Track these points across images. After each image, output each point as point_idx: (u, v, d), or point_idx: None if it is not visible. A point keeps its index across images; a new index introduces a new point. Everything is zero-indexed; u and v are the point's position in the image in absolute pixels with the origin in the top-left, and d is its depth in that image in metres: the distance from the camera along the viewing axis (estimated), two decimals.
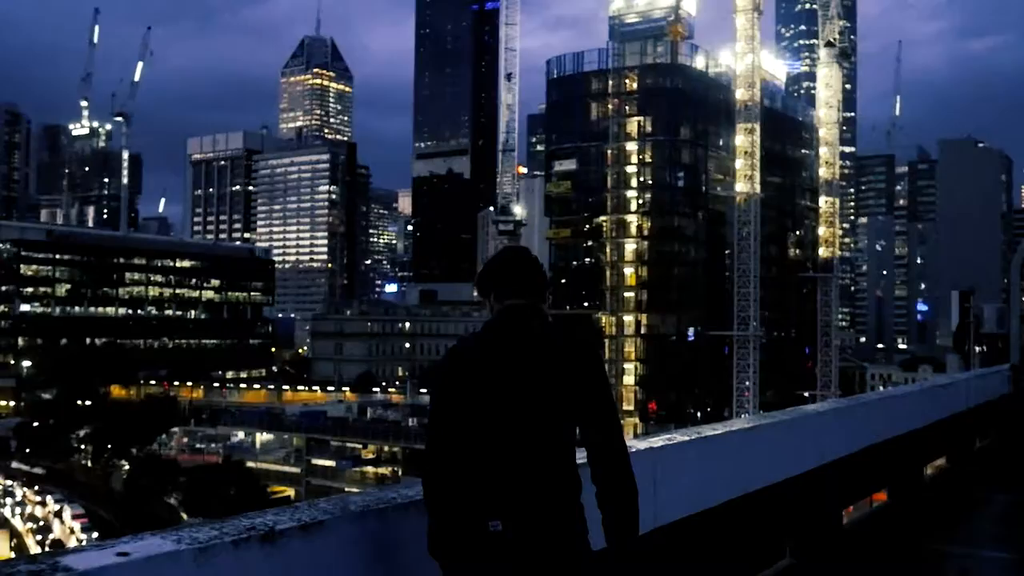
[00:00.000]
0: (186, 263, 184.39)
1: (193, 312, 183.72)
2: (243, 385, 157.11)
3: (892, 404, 9.04)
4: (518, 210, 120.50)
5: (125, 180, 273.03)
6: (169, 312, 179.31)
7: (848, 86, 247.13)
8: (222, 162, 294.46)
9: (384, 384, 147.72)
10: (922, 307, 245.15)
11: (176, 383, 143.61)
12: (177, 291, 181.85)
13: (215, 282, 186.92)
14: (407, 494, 3.61)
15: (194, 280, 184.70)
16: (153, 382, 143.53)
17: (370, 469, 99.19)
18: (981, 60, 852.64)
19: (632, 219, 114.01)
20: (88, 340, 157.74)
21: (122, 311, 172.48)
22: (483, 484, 3.11)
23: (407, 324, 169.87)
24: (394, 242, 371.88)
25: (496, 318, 3.36)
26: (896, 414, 8.86)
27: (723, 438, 5.27)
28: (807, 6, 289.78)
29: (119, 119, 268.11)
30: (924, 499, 9.33)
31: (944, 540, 8.06)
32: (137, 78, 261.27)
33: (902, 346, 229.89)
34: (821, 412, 7.07)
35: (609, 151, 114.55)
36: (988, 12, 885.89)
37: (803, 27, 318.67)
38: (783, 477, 5.92)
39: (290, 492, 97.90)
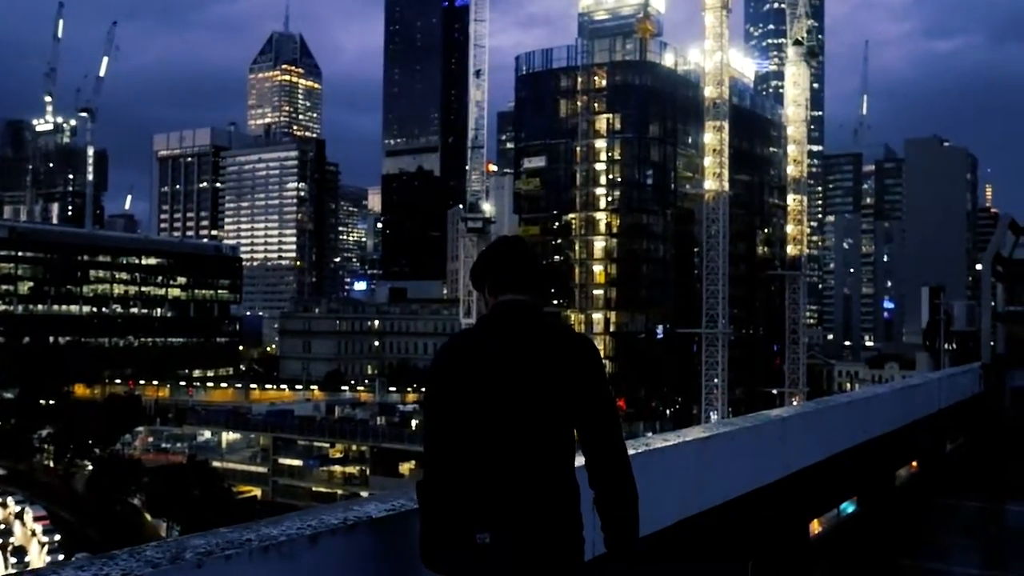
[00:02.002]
0: (152, 261, 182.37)
1: (159, 310, 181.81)
2: (210, 384, 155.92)
3: (863, 407, 8.52)
4: (487, 207, 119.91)
5: (90, 176, 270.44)
6: (134, 310, 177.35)
7: (816, 85, 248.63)
8: (189, 159, 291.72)
9: (353, 382, 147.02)
10: (888, 305, 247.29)
11: (141, 382, 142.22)
12: (143, 289, 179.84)
13: (181, 280, 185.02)
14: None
15: (160, 278, 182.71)
16: (118, 381, 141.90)
17: (338, 468, 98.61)
18: (947, 60, 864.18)
19: (601, 216, 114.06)
20: (51, 339, 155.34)
21: (87, 309, 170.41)
22: (472, 491, 2.91)
23: (376, 322, 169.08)
24: (363, 239, 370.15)
25: (490, 314, 3.17)
26: (867, 417, 8.42)
27: (675, 450, 4.78)
28: (775, 5, 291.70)
29: (84, 115, 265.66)
30: (895, 508, 8.91)
31: (915, 554, 7.75)
32: (102, 73, 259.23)
33: (869, 343, 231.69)
34: (786, 418, 6.60)
35: (578, 148, 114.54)
36: (954, 13, 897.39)
37: (771, 26, 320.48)
38: (745, 491, 5.47)
39: (257, 492, 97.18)
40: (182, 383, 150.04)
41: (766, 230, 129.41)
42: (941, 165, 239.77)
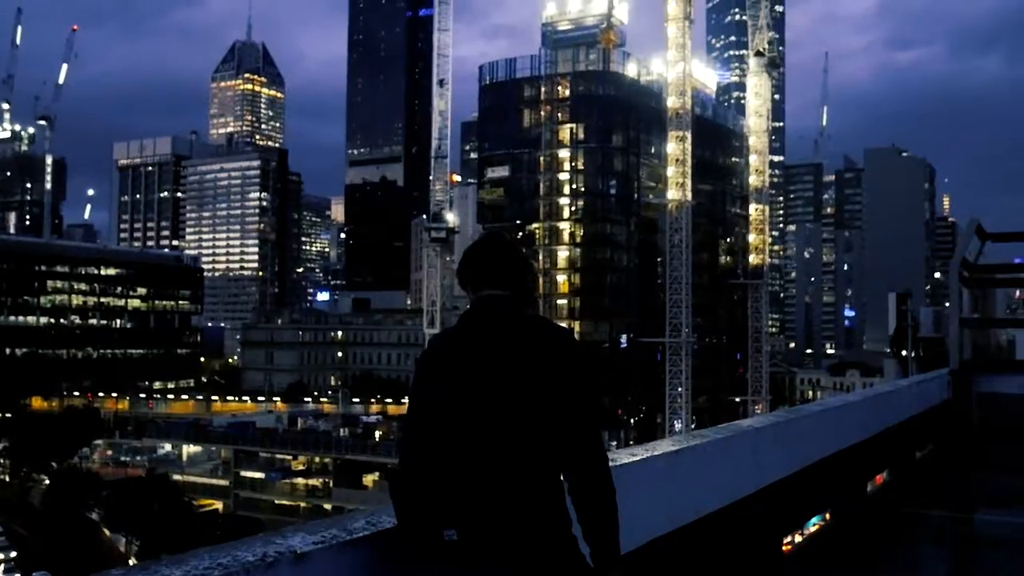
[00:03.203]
0: (111, 271, 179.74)
1: (118, 321, 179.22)
2: (170, 396, 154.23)
3: (835, 416, 8.28)
4: (451, 217, 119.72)
5: (48, 185, 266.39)
6: (93, 321, 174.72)
7: (777, 96, 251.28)
8: (150, 168, 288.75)
9: (316, 394, 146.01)
10: (849, 313, 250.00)
11: (100, 394, 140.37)
12: (102, 300, 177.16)
13: (141, 290, 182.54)
14: None
15: (119, 288, 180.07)
16: (76, 394, 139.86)
17: (300, 481, 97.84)
18: (907, 72, 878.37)
19: (565, 226, 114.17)
20: (7, 350, 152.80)
21: (44, 320, 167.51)
22: (444, 489, 2.87)
23: (339, 333, 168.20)
24: (326, 250, 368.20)
25: (469, 310, 3.11)
26: (839, 427, 8.19)
27: (644, 466, 4.47)
28: (737, 17, 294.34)
29: (42, 123, 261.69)
30: (867, 520, 8.70)
31: (888, 567, 7.56)
32: (61, 81, 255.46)
33: (830, 351, 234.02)
34: (759, 429, 6.30)
35: (542, 158, 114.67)
36: (914, 25, 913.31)
37: (733, 38, 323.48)
38: (716, 507, 5.19)
39: (218, 505, 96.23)
40: (142, 395, 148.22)
41: (728, 239, 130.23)
42: (900, 175, 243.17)
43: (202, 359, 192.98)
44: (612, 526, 2.95)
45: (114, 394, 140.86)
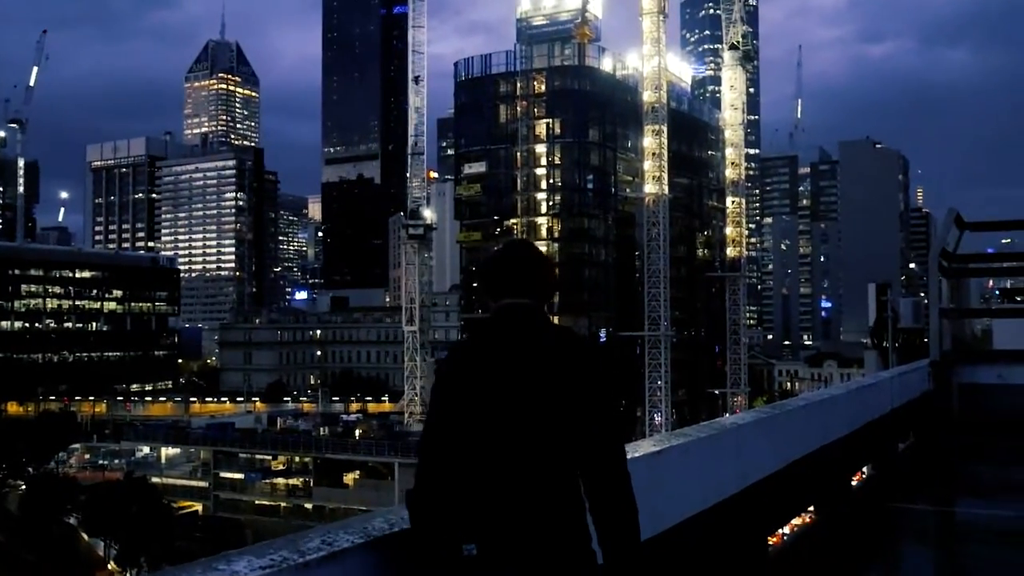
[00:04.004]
0: (86, 274, 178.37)
1: (94, 324, 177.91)
2: (148, 398, 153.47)
3: (819, 410, 8.12)
4: (428, 214, 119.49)
5: (21, 189, 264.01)
6: (69, 325, 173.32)
7: (752, 90, 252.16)
8: (124, 169, 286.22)
9: (295, 393, 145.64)
10: (826, 304, 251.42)
11: (77, 398, 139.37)
12: (77, 303, 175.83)
13: (117, 293, 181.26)
14: None
15: (95, 291, 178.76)
16: (52, 398, 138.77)
17: (281, 481, 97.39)
18: (880, 64, 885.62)
19: (542, 221, 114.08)
20: None
21: (18, 325, 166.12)
22: (464, 502, 2.83)
23: (318, 332, 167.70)
24: (304, 249, 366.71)
25: (490, 319, 3.06)
26: (824, 421, 8.05)
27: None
28: (711, 11, 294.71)
29: (13, 126, 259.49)
30: (853, 515, 8.58)
31: (875, 565, 7.48)
32: (32, 83, 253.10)
33: (808, 342, 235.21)
34: (741, 425, 6.15)
35: (518, 153, 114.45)
36: (886, 18, 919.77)
37: (707, 32, 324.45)
38: (700, 508, 5.05)
39: (198, 507, 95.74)
40: (119, 398, 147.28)
41: (706, 233, 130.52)
42: (874, 167, 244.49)
43: (180, 361, 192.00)
44: (631, 536, 2.90)
45: (91, 398, 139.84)
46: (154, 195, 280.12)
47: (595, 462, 2.88)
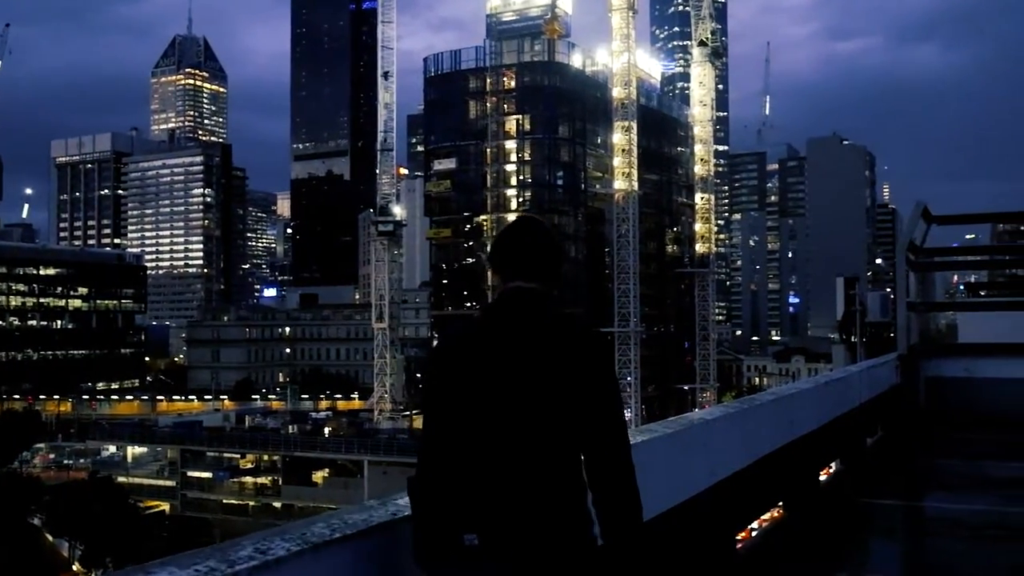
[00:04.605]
0: (51, 271, 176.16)
1: (59, 322, 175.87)
2: (114, 397, 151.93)
3: (789, 405, 7.96)
4: (397, 210, 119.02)
5: None
6: (33, 323, 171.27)
7: (720, 86, 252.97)
8: (89, 165, 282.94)
9: (264, 391, 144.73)
10: (794, 300, 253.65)
11: (42, 397, 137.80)
12: (41, 300, 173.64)
13: (82, 290, 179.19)
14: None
15: (60, 289, 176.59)
16: (16, 396, 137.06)
17: (249, 479, 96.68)
18: (848, 61, 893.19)
19: (512, 218, 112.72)
20: None
21: None
22: (465, 491, 2.78)
23: (287, 329, 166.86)
24: (273, 245, 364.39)
25: (495, 302, 2.99)
26: (793, 416, 7.92)
27: None
28: (680, 8, 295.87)
29: None
30: (822, 512, 8.46)
31: (844, 561, 7.37)
32: None
33: (776, 337, 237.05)
34: (710, 420, 5.99)
35: (488, 150, 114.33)
36: (854, 16, 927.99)
37: (676, 28, 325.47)
38: (667, 507, 4.86)
39: (165, 506, 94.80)
40: (85, 397, 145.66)
41: (675, 229, 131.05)
42: (841, 163, 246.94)
43: (147, 359, 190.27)
44: (638, 520, 2.86)
45: (56, 396, 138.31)
46: (120, 191, 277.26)
47: (600, 446, 2.82)
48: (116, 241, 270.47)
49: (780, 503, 8.05)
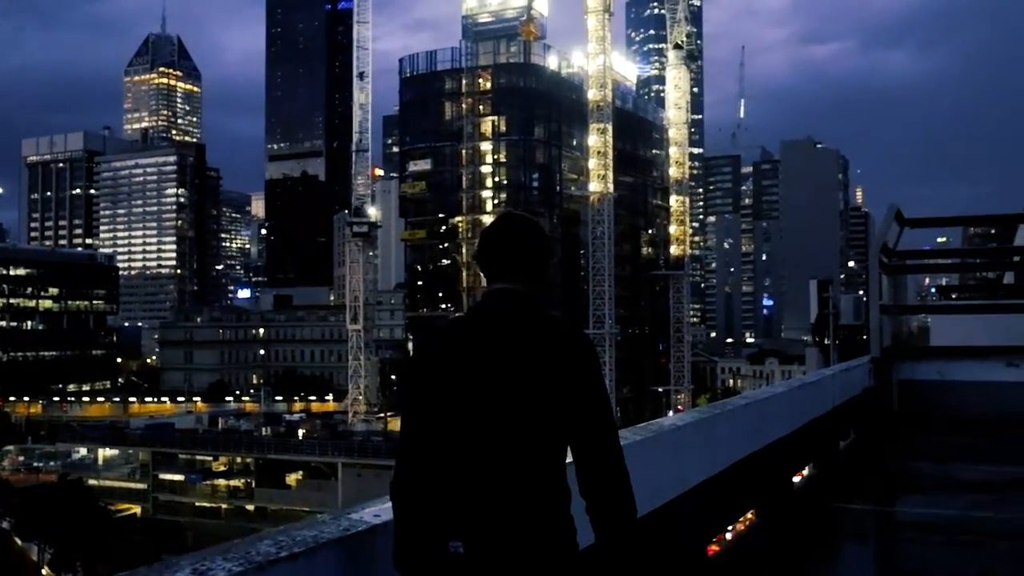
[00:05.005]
0: (20, 271, 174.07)
1: (29, 323, 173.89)
2: (85, 399, 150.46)
3: (761, 409, 7.86)
4: (372, 211, 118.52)
5: None
6: (3, 323, 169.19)
7: (695, 89, 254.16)
8: (61, 164, 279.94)
9: (238, 392, 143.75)
10: (767, 302, 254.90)
11: (12, 399, 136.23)
12: (11, 301, 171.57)
13: (53, 290, 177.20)
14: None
15: (30, 289, 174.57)
16: None
17: (222, 482, 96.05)
18: (822, 65, 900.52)
19: (488, 219, 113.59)
20: None
21: None
22: (448, 496, 2.70)
23: (261, 330, 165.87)
24: (247, 246, 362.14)
25: (478, 304, 2.88)
26: (765, 421, 7.84)
27: None
28: (656, 11, 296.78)
29: None
30: (795, 517, 8.38)
31: (817, 567, 7.32)
32: None
33: (750, 339, 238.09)
34: (680, 426, 5.86)
35: (464, 151, 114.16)
36: (829, 20, 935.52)
37: (652, 31, 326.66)
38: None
39: (136, 509, 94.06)
40: (55, 399, 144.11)
41: (650, 231, 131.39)
42: (815, 166, 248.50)
43: (119, 360, 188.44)
44: (633, 515, 2.81)
45: (26, 398, 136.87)
46: (92, 191, 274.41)
47: (593, 449, 2.76)
48: (88, 241, 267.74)
49: (753, 509, 7.98)
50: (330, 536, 2.82)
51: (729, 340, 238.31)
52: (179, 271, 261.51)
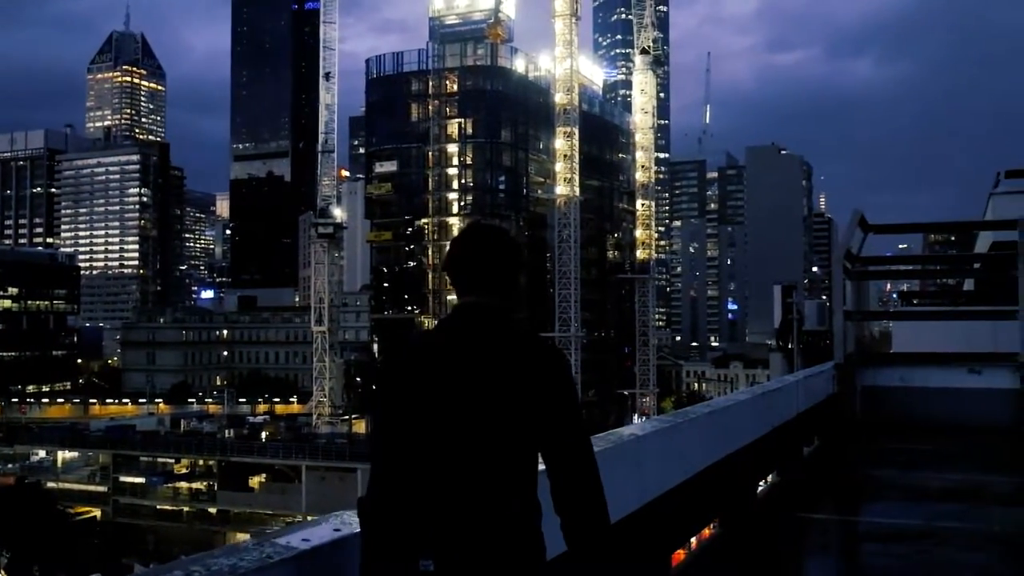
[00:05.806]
0: None
1: None
2: (45, 400, 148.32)
3: (724, 417, 7.76)
4: (338, 213, 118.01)
5: None
6: None
7: (662, 95, 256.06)
8: (21, 162, 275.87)
9: (201, 394, 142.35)
10: (732, 306, 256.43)
11: None
12: None
13: (12, 290, 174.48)
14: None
15: None
16: None
17: (184, 485, 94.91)
18: (786, 72, 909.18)
19: (454, 221, 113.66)
20: None
21: None
22: (421, 513, 2.64)
23: (225, 331, 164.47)
24: (211, 247, 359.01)
25: (452, 318, 2.81)
26: (729, 429, 7.74)
27: None
28: (623, 16, 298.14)
29: None
30: (758, 526, 8.33)
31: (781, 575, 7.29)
32: None
33: (715, 343, 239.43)
34: (641, 436, 5.75)
35: (430, 153, 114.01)
36: (794, 28, 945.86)
37: (619, 36, 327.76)
38: None
39: (96, 512, 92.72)
40: (14, 400, 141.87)
41: (616, 235, 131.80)
42: (779, 172, 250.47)
43: (79, 361, 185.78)
44: (607, 524, 2.82)
45: None
46: (53, 190, 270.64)
47: (568, 464, 2.73)
48: (49, 240, 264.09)
49: (716, 519, 7.92)
50: (246, 568, 2.51)
51: (694, 344, 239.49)
52: (142, 271, 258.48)
